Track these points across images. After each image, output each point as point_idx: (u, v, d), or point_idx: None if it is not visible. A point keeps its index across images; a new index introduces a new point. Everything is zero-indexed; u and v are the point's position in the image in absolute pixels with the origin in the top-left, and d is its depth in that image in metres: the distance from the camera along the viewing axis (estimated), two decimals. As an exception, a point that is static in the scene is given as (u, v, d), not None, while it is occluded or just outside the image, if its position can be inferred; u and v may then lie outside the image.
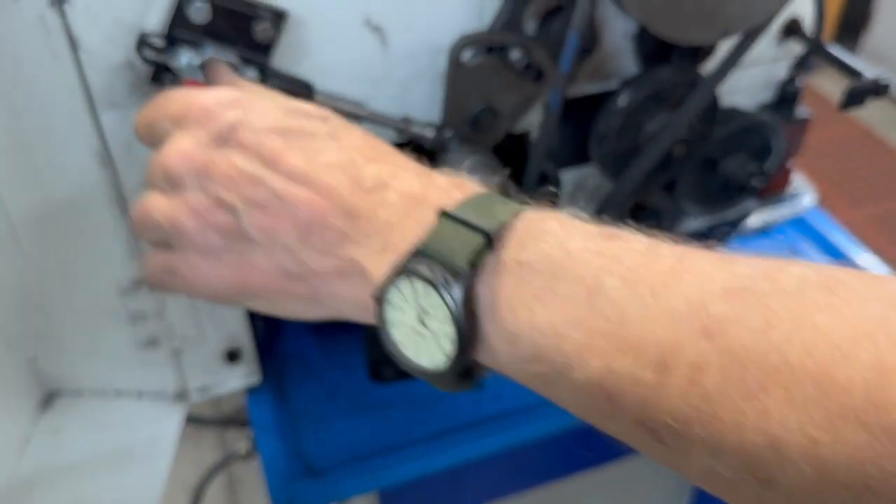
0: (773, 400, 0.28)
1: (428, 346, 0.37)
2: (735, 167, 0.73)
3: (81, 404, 0.75)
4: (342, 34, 0.58)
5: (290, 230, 0.40)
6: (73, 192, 0.59)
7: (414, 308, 0.37)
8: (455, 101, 0.60)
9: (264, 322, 0.87)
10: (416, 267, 0.36)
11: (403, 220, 0.39)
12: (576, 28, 0.52)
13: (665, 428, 0.31)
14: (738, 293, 0.31)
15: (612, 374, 0.32)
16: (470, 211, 0.37)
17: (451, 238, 0.36)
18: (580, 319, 0.33)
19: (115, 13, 0.52)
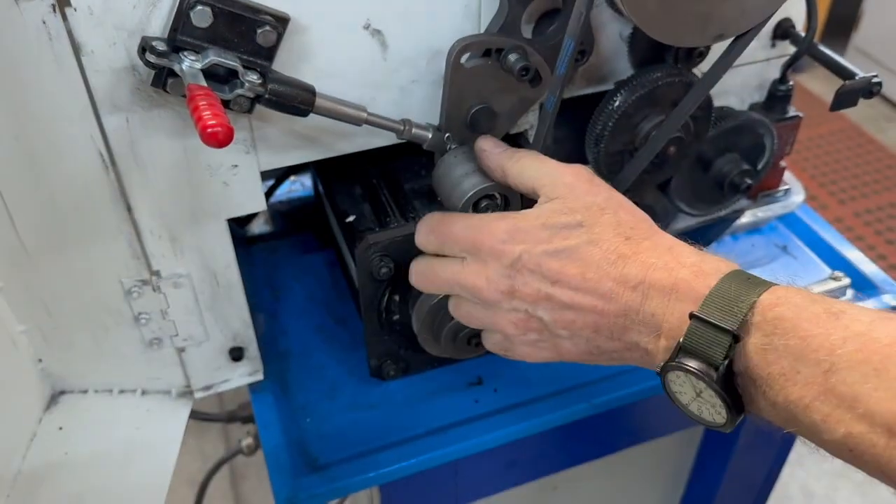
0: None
1: (708, 410, 0.50)
2: (728, 167, 0.74)
3: (87, 402, 0.76)
4: (343, 38, 0.59)
5: (585, 327, 0.54)
6: (78, 195, 0.60)
7: (691, 387, 0.49)
8: (454, 103, 0.61)
9: (267, 320, 0.88)
10: (684, 363, 0.48)
11: (665, 314, 0.50)
12: (572, 33, 0.53)
13: None
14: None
15: (853, 437, 0.43)
16: (714, 311, 0.47)
17: (706, 338, 0.47)
18: (822, 395, 0.44)
19: (118, 18, 0.52)
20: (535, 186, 0.57)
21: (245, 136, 0.61)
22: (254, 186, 0.65)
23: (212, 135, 0.46)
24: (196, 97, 0.48)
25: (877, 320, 0.44)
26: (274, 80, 0.55)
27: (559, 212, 0.55)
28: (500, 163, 0.60)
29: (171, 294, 0.69)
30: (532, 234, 0.55)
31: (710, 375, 0.47)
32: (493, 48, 0.59)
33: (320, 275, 0.94)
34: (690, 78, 0.66)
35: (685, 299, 0.49)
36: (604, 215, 0.55)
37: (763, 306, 0.46)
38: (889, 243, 2.40)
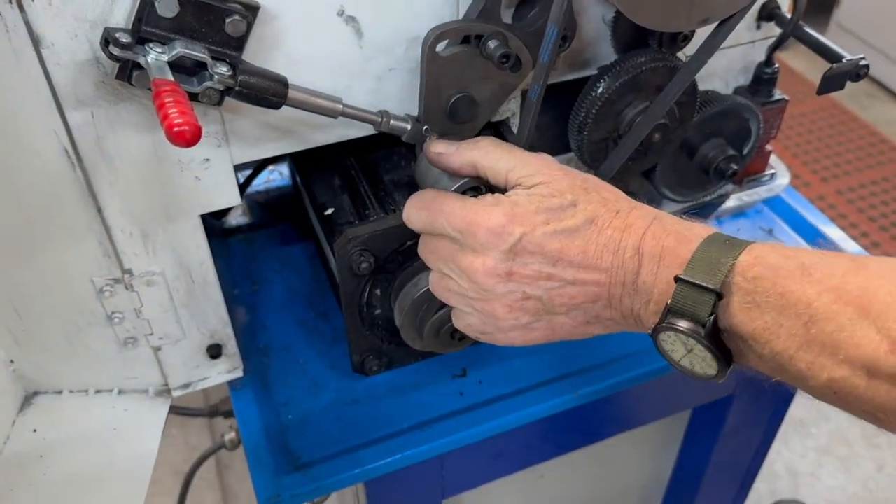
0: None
1: (700, 364, 0.52)
2: (714, 152, 0.73)
3: (62, 403, 0.74)
4: (316, 26, 0.57)
5: (586, 300, 0.55)
6: (43, 193, 0.58)
7: (682, 344, 0.51)
8: (432, 92, 0.59)
9: (246, 314, 0.86)
10: (674, 323, 0.51)
11: (655, 280, 0.52)
12: (555, 20, 0.51)
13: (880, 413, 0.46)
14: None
15: (836, 382, 0.46)
16: (697, 273, 0.50)
17: (692, 298, 0.50)
18: (805, 345, 0.47)
19: (78, 9, 0.50)
20: (508, 176, 0.57)
21: (216, 128, 0.59)
22: (227, 180, 0.63)
23: (178, 134, 0.44)
24: (161, 93, 0.46)
25: (848, 272, 0.47)
26: (244, 72, 0.53)
27: (549, 195, 0.55)
28: (468, 159, 0.59)
29: (144, 292, 0.67)
30: (529, 217, 0.55)
31: (697, 332, 0.50)
32: (471, 35, 0.57)
33: (300, 267, 0.93)
34: (675, 62, 0.65)
35: (671, 265, 0.52)
36: (589, 193, 0.56)
37: (742, 266, 0.49)
38: (871, 220, 2.41)
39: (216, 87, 0.52)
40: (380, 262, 0.64)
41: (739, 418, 1.00)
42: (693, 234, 0.52)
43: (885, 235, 2.35)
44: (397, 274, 0.66)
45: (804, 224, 0.96)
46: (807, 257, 0.49)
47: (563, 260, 0.54)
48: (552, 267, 0.55)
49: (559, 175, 0.56)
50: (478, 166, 0.58)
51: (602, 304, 0.55)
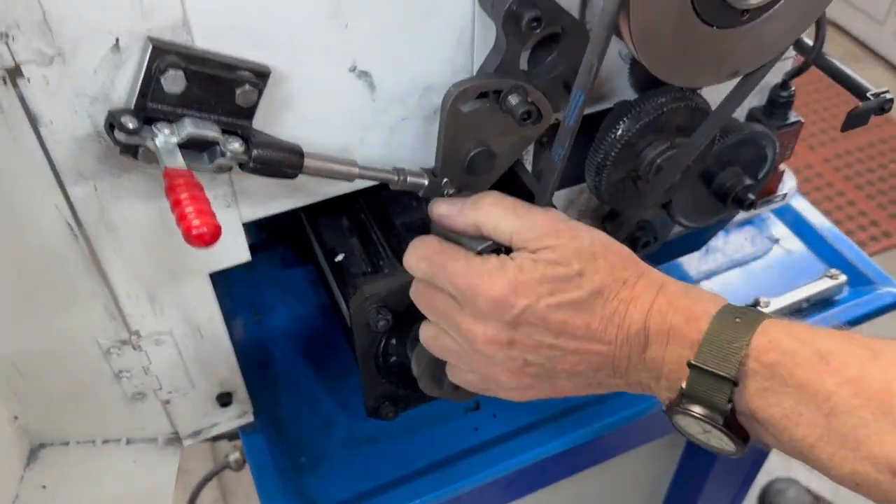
0: None
1: (717, 441, 0.51)
2: (732, 181, 0.71)
3: (69, 456, 0.72)
4: (327, 84, 0.54)
5: (589, 368, 0.54)
6: (46, 265, 0.55)
7: (697, 425, 0.51)
8: (450, 147, 0.56)
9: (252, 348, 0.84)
10: (689, 409, 0.50)
11: (665, 358, 0.51)
12: (582, 86, 0.49)
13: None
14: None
15: (858, 475, 0.45)
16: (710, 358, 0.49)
17: (707, 385, 0.49)
18: (826, 436, 0.46)
19: (77, 84, 0.47)
20: (513, 238, 0.55)
21: (224, 190, 0.56)
22: (236, 239, 0.60)
23: (198, 237, 0.41)
24: (175, 187, 0.43)
25: (866, 362, 0.46)
26: (258, 145, 0.50)
27: (554, 262, 0.53)
28: (471, 220, 0.56)
29: (152, 351, 0.64)
30: (533, 287, 0.53)
31: (714, 419, 0.49)
32: (490, 90, 0.55)
33: (303, 293, 0.90)
34: (696, 101, 0.63)
35: (681, 344, 0.51)
36: (597, 261, 0.54)
37: (757, 351, 0.48)
38: (858, 188, 2.41)
39: (228, 164, 0.49)
40: (397, 317, 0.62)
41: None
42: (701, 310, 0.51)
43: (872, 203, 2.36)
44: (414, 325, 0.64)
45: (813, 234, 0.95)
46: (822, 342, 0.48)
47: (566, 332, 0.53)
48: (555, 338, 0.53)
49: (566, 239, 0.54)
50: (481, 228, 0.56)
51: (606, 372, 0.54)
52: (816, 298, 0.86)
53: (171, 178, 0.43)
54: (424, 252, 0.57)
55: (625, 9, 0.45)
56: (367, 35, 0.53)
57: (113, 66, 0.47)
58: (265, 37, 0.50)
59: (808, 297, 0.86)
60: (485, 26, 0.56)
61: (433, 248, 0.57)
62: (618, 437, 0.85)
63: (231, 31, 0.49)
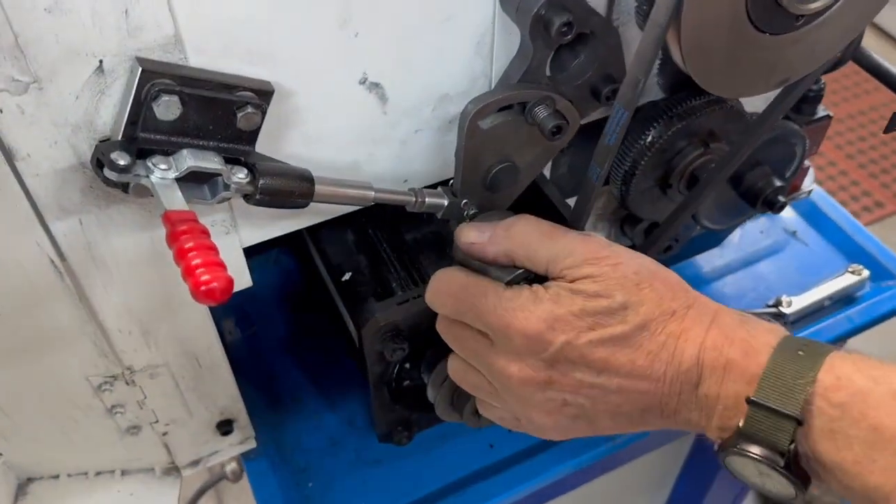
0: None
1: (774, 485, 0.46)
2: (761, 183, 0.67)
3: (60, 490, 0.67)
4: (335, 98, 0.49)
5: (634, 409, 0.49)
6: (29, 302, 0.50)
7: (754, 466, 0.46)
8: (471, 165, 0.52)
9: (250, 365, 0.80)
10: (747, 450, 0.45)
11: (720, 395, 0.47)
12: (626, 103, 0.44)
13: None
14: None
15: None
16: (774, 394, 0.44)
17: (768, 424, 0.44)
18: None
19: (57, 113, 0.41)
20: (549, 267, 0.50)
21: (224, 217, 0.51)
22: (236, 265, 0.55)
23: (208, 293, 0.36)
24: (179, 235, 0.38)
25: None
26: (265, 174, 0.44)
27: (596, 294, 0.48)
28: (503, 248, 0.51)
29: (147, 385, 0.59)
30: (572, 322, 0.48)
31: (775, 461, 0.45)
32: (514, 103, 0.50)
33: (299, 299, 0.86)
34: (731, 104, 0.58)
35: (738, 380, 0.46)
36: (642, 291, 0.49)
37: (824, 388, 0.44)
38: (849, 158, 2.39)
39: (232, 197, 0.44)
40: (411, 342, 0.58)
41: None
42: (760, 342, 0.47)
43: (864, 173, 2.34)
44: (429, 349, 0.60)
45: (830, 225, 0.91)
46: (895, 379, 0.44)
47: (608, 370, 0.48)
48: (596, 376, 0.48)
49: (608, 268, 0.49)
50: (513, 257, 0.51)
51: (653, 413, 0.49)
52: (839, 296, 0.83)
53: (174, 224, 0.38)
54: (449, 289, 0.52)
55: (676, 19, 0.40)
56: (378, 44, 0.48)
57: (97, 90, 0.41)
58: (267, 50, 0.44)
59: (830, 294, 0.82)
60: (506, 31, 0.51)
61: (459, 284, 0.52)
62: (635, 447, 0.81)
63: (229, 46, 0.43)
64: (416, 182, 0.57)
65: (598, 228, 0.72)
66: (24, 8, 0.37)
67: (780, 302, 0.81)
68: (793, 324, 0.81)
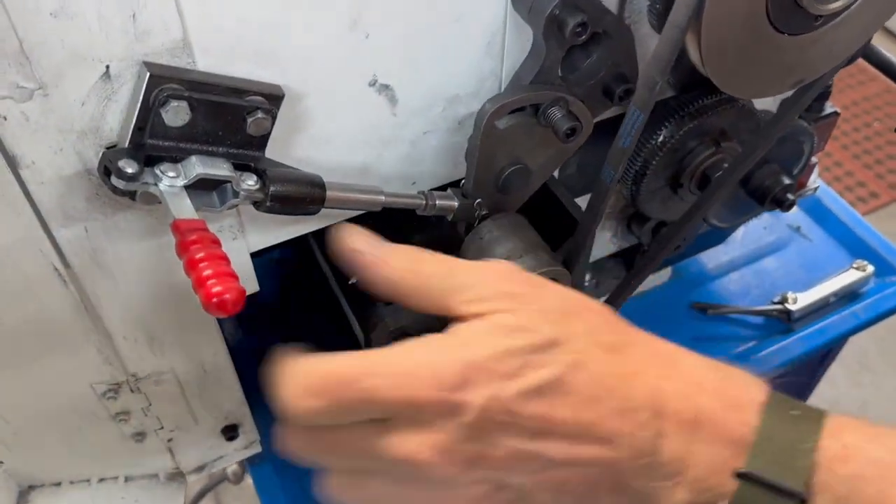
0: None
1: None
2: (770, 181, 0.66)
3: (62, 497, 0.67)
4: (345, 100, 0.48)
5: (580, 484, 0.38)
6: (31, 311, 0.49)
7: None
8: (484, 166, 0.51)
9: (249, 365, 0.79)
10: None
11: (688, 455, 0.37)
12: (642, 105, 0.43)
13: None
14: None
15: None
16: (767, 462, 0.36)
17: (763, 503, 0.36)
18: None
19: (62, 120, 0.40)
20: (449, 301, 0.40)
21: (231, 222, 0.50)
22: (243, 270, 0.54)
23: (219, 305, 0.35)
24: (189, 245, 0.37)
25: None
26: (275, 180, 0.43)
27: (517, 328, 0.38)
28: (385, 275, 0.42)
29: (152, 392, 0.59)
30: (493, 368, 0.36)
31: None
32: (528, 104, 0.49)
33: (303, 304, 0.85)
34: (743, 103, 0.57)
35: (716, 440, 0.37)
36: (571, 323, 0.39)
37: (830, 459, 0.36)
38: (844, 148, 2.39)
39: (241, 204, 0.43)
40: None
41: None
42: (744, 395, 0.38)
43: (858, 164, 2.34)
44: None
45: (833, 220, 0.91)
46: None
47: (547, 431, 0.37)
48: (533, 442, 0.37)
49: (526, 298, 0.39)
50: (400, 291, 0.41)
51: (604, 490, 0.39)
52: (844, 292, 0.83)
53: (183, 233, 0.37)
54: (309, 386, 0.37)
55: (696, 20, 0.40)
56: (389, 45, 0.47)
57: (103, 96, 0.40)
58: (277, 53, 0.43)
59: (835, 290, 0.82)
60: (517, 31, 0.50)
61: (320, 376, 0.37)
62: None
63: (238, 49, 0.42)
64: (424, 184, 0.56)
65: (606, 227, 0.71)
66: (30, 12, 0.36)
67: (785, 299, 0.81)
68: (798, 321, 0.81)
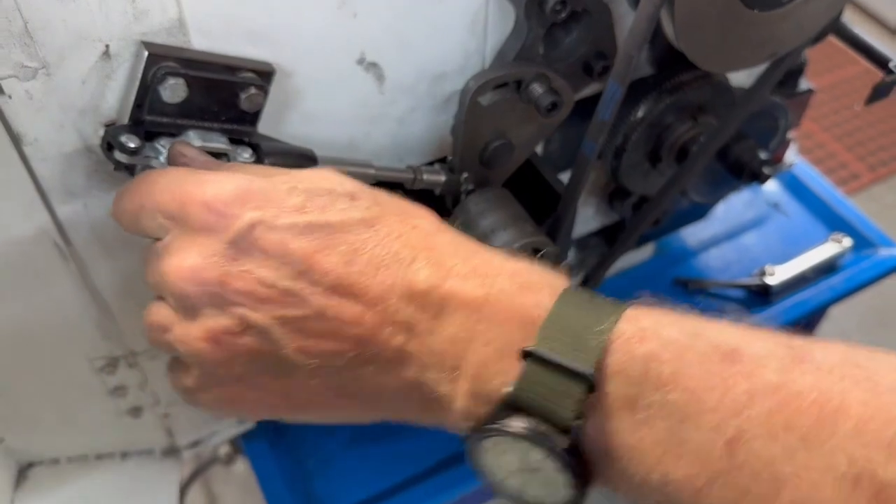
0: None
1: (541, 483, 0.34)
2: (746, 155, 0.68)
3: (61, 474, 0.68)
4: (334, 78, 0.50)
5: (339, 351, 0.34)
6: (31, 287, 0.51)
7: (517, 458, 0.33)
8: (470, 142, 0.52)
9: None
10: (513, 425, 0.32)
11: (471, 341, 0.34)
12: (620, 78, 0.45)
13: None
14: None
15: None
16: (557, 343, 0.32)
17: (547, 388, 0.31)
18: (723, 476, 0.30)
19: (64, 98, 0.41)
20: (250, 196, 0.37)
21: (225, 198, 0.52)
22: (237, 246, 0.56)
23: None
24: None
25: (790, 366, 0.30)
26: (269, 154, 0.45)
27: (318, 179, 0.37)
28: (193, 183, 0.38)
29: (148, 367, 0.60)
30: (275, 198, 0.35)
31: (553, 442, 0.31)
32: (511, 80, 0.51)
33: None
34: (718, 78, 0.59)
35: (506, 322, 0.33)
36: (381, 202, 0.38)
37: (625, 341, 0.32)
38: (825, 130, 2.42)
39: (237, 177, 0.45)
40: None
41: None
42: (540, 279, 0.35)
43: (840, 146, 2.37)
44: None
45: (812, 197, 0.93)
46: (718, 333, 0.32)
47: (310, 272, 0.33)
48: (294, 280, 0.33)
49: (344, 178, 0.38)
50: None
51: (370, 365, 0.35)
52: (822, 265, 0.85)
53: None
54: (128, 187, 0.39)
55: (670, -4, 0.42)
56: (376, 24, 0.48)
57: (103, 75, 0.41)
58: (268, 32, 0.45)
59: (813, 263, 0.84)
60: (499, 9, 0.52)
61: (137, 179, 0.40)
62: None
63: (231, 28, 0.44)
64: (412, 160, 0.58)
65: (588, 203, 0.73)
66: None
67: (764, 272, 0.83)
68: (777, 293, 0.83)
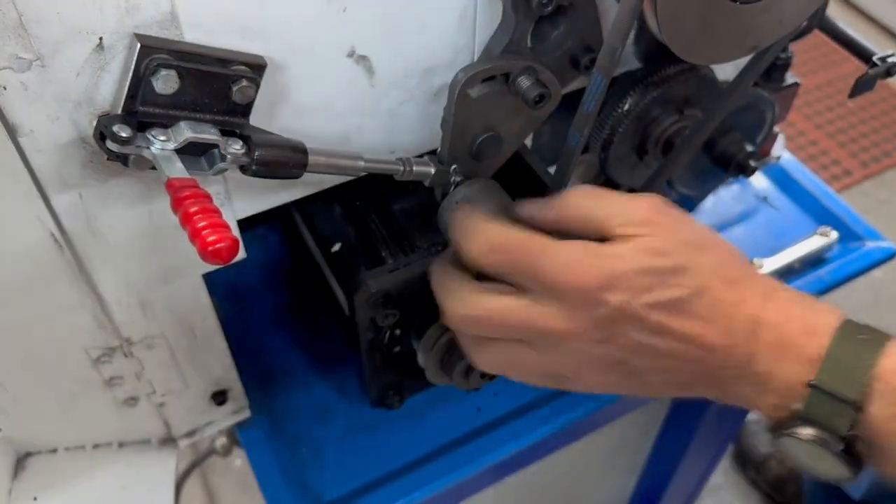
0: None
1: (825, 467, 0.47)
2: (733, 148, 0.70)
3: (59, 463, 0.69)
4: (324, 71, 0.51)
5: (682, 373, 0.49)
6: (28, 276, 0.51)
7: (807, 449, 0.46)
8: (459, 134, 0.53)
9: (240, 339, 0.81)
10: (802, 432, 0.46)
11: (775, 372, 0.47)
12: (604, 70, 0.46)
13: None
14: None
15: None
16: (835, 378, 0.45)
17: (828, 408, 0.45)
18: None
19: (59, 89, 0.42)
20: (604, 225, 0.49)
21: (218, 189, 0.53)
22: (231, 237, 0.56)
23: (215, 253, 0.38)
24: (183, 200, 0.39)
25: None
26: (259, 145, 0.46)
27: (655, 253, 0.47)
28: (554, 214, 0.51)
29: (144, 356, 0.61)
30: (631, 280, 0.47)
31: (832, 445, 0.45)
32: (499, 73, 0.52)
33: (287, 275, 0.87)
34: (704, 71, 0.60)
35: (797, 359, 0.46)
36: (702, 255, 0.48)
37: (886, 372, 0.44)
38: (818, 128, 2.44)
39: (228, 168, 0.46)
40: (402, 309, 0.60)
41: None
42: (822, 322, 0.47)
43: (832, 142, 2.39)
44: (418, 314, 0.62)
45: (800, 191, 0.94)
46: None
47: (664, 333, 0.47)
48: (652, 337, 0.47)
49: (670, 228, 0.48)
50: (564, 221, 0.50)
51: (704, 384, 0.49)
52: (809, 257, 0.86)
53: (176, 190, 0.40)
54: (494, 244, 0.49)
55: (652, -11, 0.43)
56: (366, 18, 0.49)
57: (97, 67, 0.42)
58: (259, 25, 0.46)
59: (801, 256, 0.86)
60: (487, 4, 0.53)
61: (504, 238, 0.49)
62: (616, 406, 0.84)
63: (223, 22, 0.45)
64: (402, 153, 0.58)
65: (578, 196, 0.74)
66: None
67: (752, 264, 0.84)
68: (765, 285, 0.84)
